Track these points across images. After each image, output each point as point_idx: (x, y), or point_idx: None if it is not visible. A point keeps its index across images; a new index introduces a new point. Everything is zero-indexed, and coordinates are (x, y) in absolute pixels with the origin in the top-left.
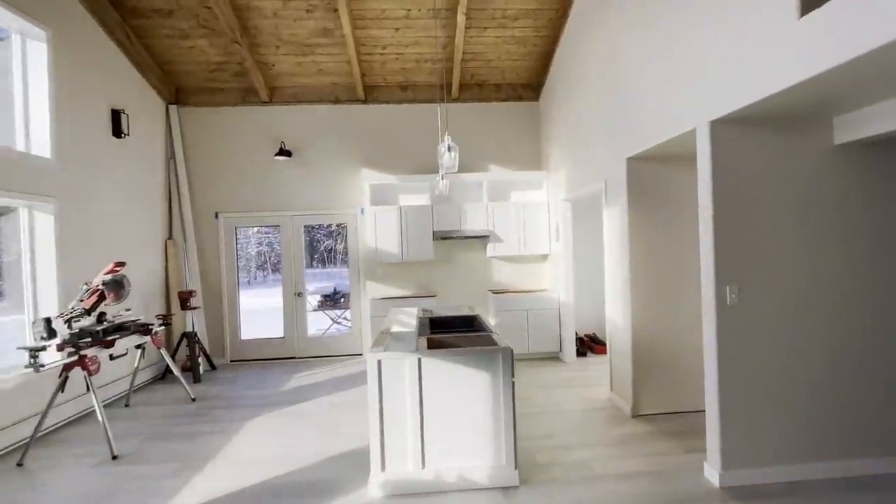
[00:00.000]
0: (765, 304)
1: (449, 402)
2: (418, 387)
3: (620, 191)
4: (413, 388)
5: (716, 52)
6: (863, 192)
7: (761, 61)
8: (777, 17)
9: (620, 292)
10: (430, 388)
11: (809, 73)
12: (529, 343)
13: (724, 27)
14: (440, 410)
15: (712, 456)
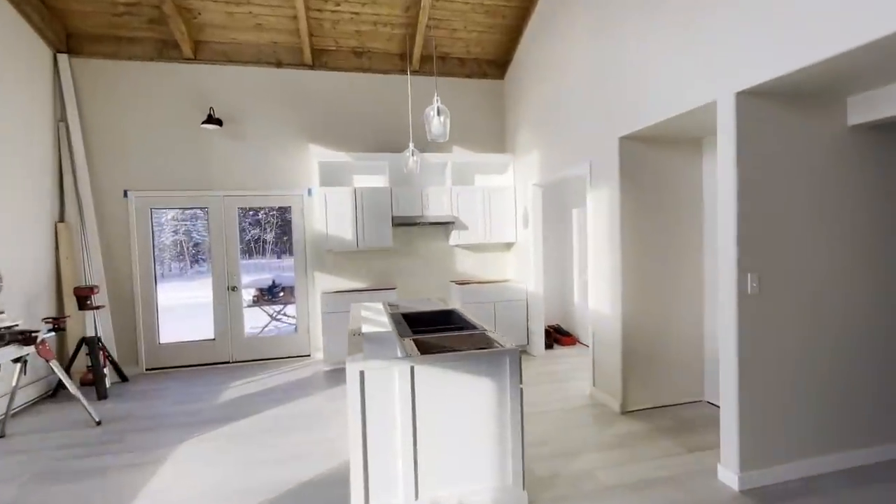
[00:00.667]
0: (784, 293)
1: (446, 416)
2: (411, 400)
3: (610, 173)
4: (404, 402)
5: (746, 13)
6: (875, 176)
7: (805, 24)
8: None
9: (609, 281)
10: (425, 401)
11: (865, 38)
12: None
13: None
14: (436, 427)
15: (728, 458)
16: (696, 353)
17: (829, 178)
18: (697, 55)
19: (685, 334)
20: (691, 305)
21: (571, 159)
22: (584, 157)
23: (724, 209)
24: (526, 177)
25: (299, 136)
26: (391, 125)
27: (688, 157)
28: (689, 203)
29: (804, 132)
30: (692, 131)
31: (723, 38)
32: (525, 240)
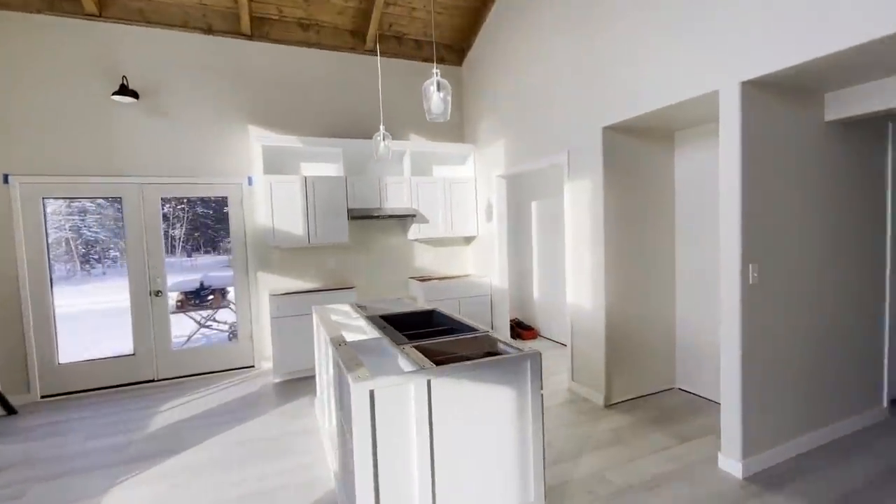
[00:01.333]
0: (778, 282)
1: (465, 432)
2: (428, 418)
3: (592, 163)
4: (421, 421)
5: (749, 6)
6: (848, 169)
7: (819, 14)
8: None
9: (591, 274)
10: (442, 418)
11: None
12: None
13: None
14: (455, 445)
15: (730, 446)
16: (668, 341)
17: (812, 171)
18: (697, 45)
19: (659, 324)
20: (665, 295)
21: (546, 150)
22: (562, 148)
23: (727, 200)
24: (489, 168)
25: (237, 117)
26: (346, 108)
27: (662, 150)
28: (663, 195)
29: (791, 125)
30: (677, 123)
31: (725, 29)
32: (488, 233)
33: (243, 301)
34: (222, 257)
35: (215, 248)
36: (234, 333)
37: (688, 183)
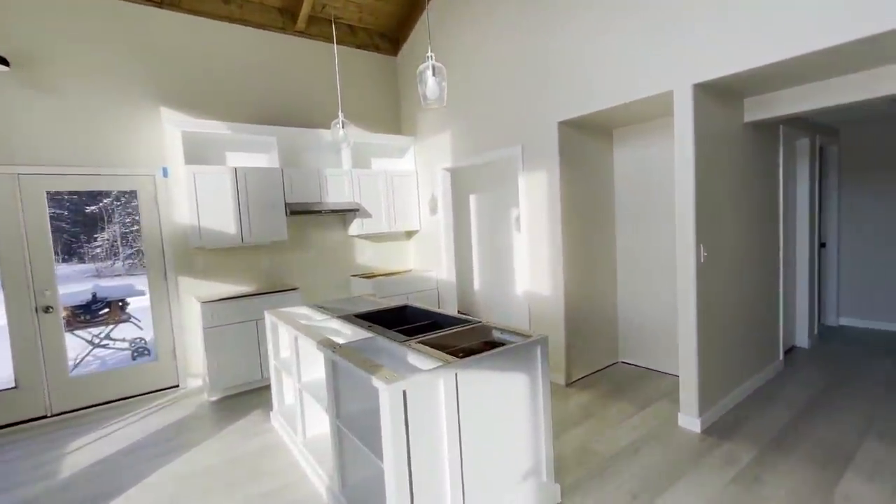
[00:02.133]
0: (717, 259)
1: (487, 420)
2: (456, 412)
3: (547, 156)
4: (450, 415)
5: (708, 9)
6: (761, 163)
7: (763, 27)
8: None
9: (549, 262)
10: (468, 409)
11: (846, 38)
12: None
13: None
14: (479, 437)
15: (688, 405)
16: (612, 320)
17: (734, 165)
18: (653, 49)
19: (605, 305)
20: (608, 279)
21: (499, 143)
22: (516, 141)
23: (683, 190)
24: (432, 161)
25: (145, 97)
26: (278, 93)
27: (603, 146)
28: (605, 187)
29: (722, 125)
30: (616, 121)
31: (679, 35)
32: (432, 227)
33: (161, 312)
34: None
35: (115, 254)
36: (140, 351)
37: (625, 177)
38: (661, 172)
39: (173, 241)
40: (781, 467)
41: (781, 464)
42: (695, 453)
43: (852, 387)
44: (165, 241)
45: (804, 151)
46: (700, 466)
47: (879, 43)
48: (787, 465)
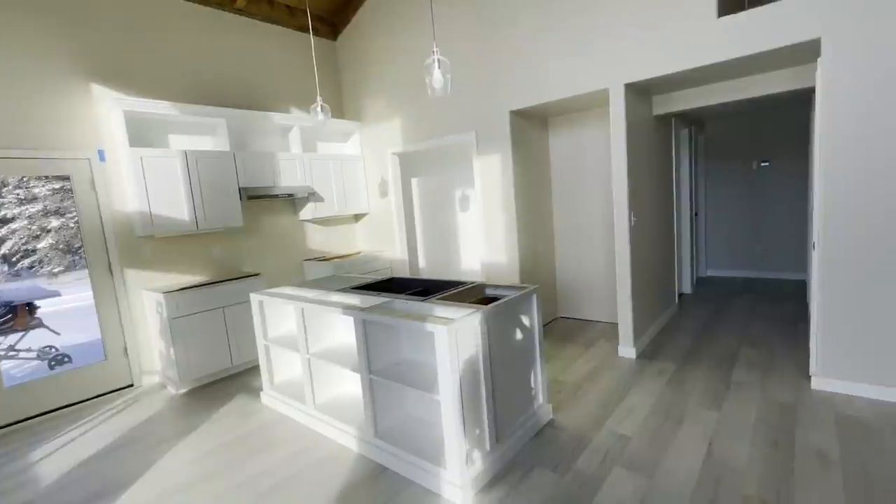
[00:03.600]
0: (640, 223)
1: (505, 356)
2: (488, 348)
3: (500, 141)
4: (484, 351)
5: (634, 20)
6: (661, 149)
7: (679, 42)
8: (699, 15)
9: (504, 234)
10: (493, 346)
11: (723, 57)
12: None
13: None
14: (501, 368)
15: (626, 339)
16: (552, 281)
17: (647, 150)
18: (592, 53)
19: (547, 268)
20: (548, 246)
21: (453, 129)
22: (470, 127)
23: (618, 168)
24: (381, 145)
25: (74, 70)
26: (226, 72)
27: (542, 133)
28: (544, 168)
29: (640, 117)
30: (553, 111)
31: (612, 43)
32: (383, 209)
33: (108, 309)
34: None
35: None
36: (57, 360)
37: (560, 158)
38: (589, 155)
39: (117, 231)
40: (694, 372)
41: (694, 370)
42: (636, 372)
43: (726, 316)
44: (108, 230)
45: (685, 140)
46: (642, 379)
47: (743, 61)
48: (697, 370)
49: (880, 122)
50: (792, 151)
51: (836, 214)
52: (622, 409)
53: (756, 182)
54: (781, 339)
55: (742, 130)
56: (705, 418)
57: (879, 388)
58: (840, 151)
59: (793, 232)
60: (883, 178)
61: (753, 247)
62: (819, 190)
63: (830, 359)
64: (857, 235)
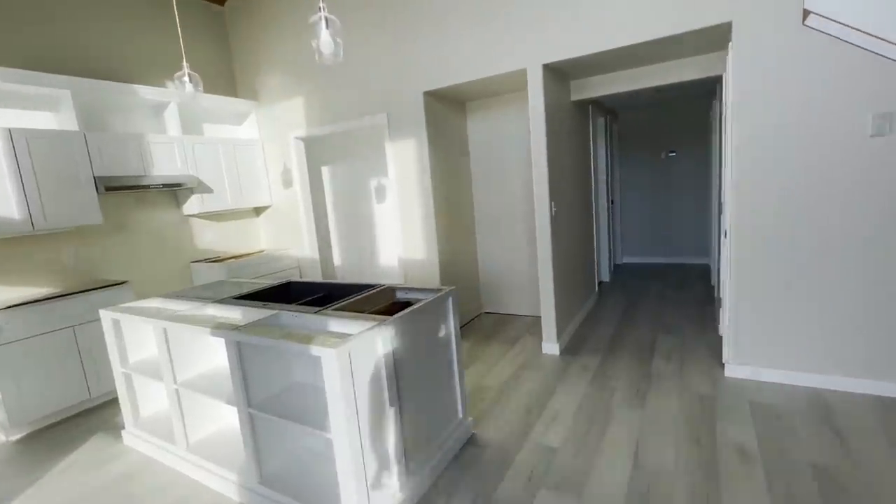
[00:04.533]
0: (561, 212)
1: (416, 374)
2: (394, 368)
3: (414, 124)
4: (389, 372)
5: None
6: (579, 134)
7: (598, 23)
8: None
9: (422, 226)
10: (400, 364)
11: (641, 38)
12: None
13: None
14: (411, 389)
15: (549, 335)
16: (474, 275)
17: (566, 135)
18: (507, 32)
19: (469, 262)
20: (470, 238)
21: (363, 111)
22: (381, 109)
23: (538, 154)
24: (282, 129)
25: None
26: (77, 34)
27: (459, 117)
28: (463, 153)
29: (558, 101)
30: (470, 94)
31: (530, 21)
32: (288, 201)
33: None
34: None
35: None
36: None
37: (479, 145)
38: (509, 142)
39: None
40: (617, 364)
41: (616, 362)
42: (560, 370)
43: (642, 303)
44: None
45: (601, 128)
46: (566, 378)
47: (658, 44)
48: (619, 362)
49: (789, 111)
50: (695, 142)
51: (747, 204)
52: (547, 415)
53: (664, 171)
54: (692, 324)
55: (652, 121)
56: (630, 419)
57: (785, 373)
58: (750, 140)
59: (697, 220)
60: (791, 166)
61: (663, 234)
62: (731, 179)
63: (742, 347)
64: (767, 224)
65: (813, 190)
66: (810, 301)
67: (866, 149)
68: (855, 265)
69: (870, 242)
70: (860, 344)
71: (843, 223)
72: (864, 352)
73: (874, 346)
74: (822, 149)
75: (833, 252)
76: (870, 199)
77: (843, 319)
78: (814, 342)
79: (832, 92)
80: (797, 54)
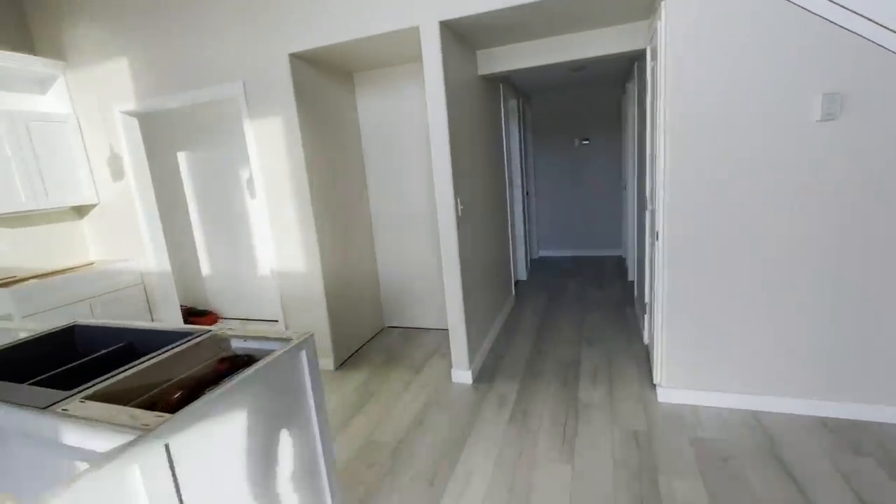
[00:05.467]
0: (469, 210)
1: (234, 488)
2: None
3: (280, 97)
4: None
5: None
6: (490, 116)
7: None
8: None
9: (299, 231)
10: (197, 482)
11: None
12: None
13: None
14: None
15: (459, 361)
16: (374, 286)
17: (474, 117)
18: None
19: (366, 271)
20: (366, 242)
21: (211, 78)
22: (235, 76)
23: (438, 140)
24: (104, 100)
25: None
26: None
27: (345, 92)
28: (352, 140)
29: (462, 73)
30: (357, 63)
31: None
32: (122, 198)
33: None
34: None
35: None
36: None
37: (374, 128)
38: (408, 124)
39: None
40: (539, 392)
41: (538, 390)
42: (473, 407)
43: (561, 307)
44: None
45: (514, 111)
46: (481, 420)
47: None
48: (541, 389)
49: (729, 88)
50: (609, 129)
51: (681, 203)
52: (455, 486)
53: (579, 160)
54: (615, 331)
55: (566, 107)
56: (559, 477)
57: (723, 395)
58: (685, 128)
59: (610, 210)
60: (731, 161)
61: (578, 226)
62: (663, 173)
63: (675, 368)
64: (703, 225)
65: (755, 187)
66: (751, 315)
67: (815, 135)
68: (803, 273)
69: (820, 246)
70: (805, 362)
71: (792, 226)
72: (807, 371)
73: (819, 363)
74: (766, 136)
75: (782, 259)
76: (819, 196)
77: (788, 334)
78: (755, 361)
79: (779, 65)
80: (738, 15)
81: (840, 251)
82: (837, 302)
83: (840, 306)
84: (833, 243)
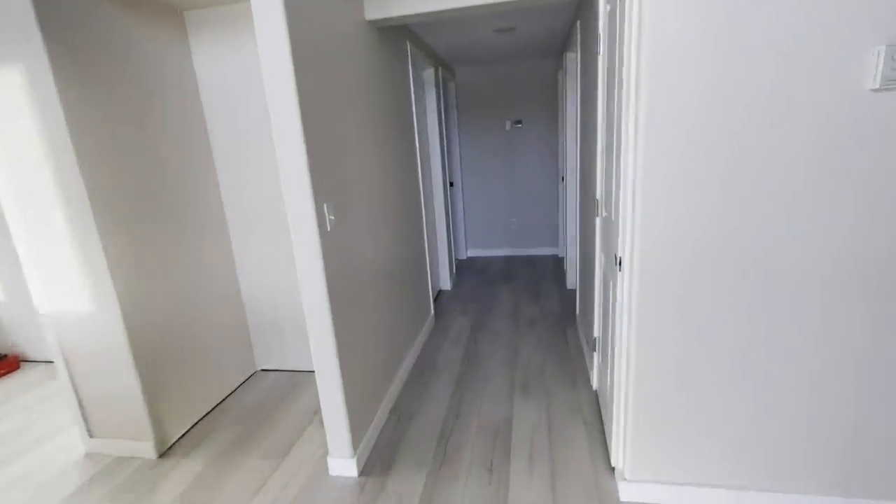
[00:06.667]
0: (351, 220)
1: None
2: None
3: (17, 39)
4: None
5: None
6: (389, 82)
7: None
8: None
9: (77, 252)
10: None
11: None
12: None
13: None
14: None
15: (338, 447)
16: (238, 320)
17: (361, 84)
18: None
19: (221, 296)
20: (222, 263)
21: None
22: None
23: (281, 117)
24: None
25: None
26: None
27: (173, 43)
28: (188, 111)
29: (338, 18)
30: None
31: None
32: None
33: None
34: None
35: None
36: None
37: (219, 94)
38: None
39: None
40: (457, 492)
41: (453, 490)
42: None
43: (490, 330)
44: None
45: (431, 82)
46: None
47: None
48: (459, 486)
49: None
50: (543, 110)
51: (659, 219)
52: None
53: (510, 146)
54: (558, 372)
55: (495, 82)
56: None
57: (700, 491)
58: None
59: (545, 204)
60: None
61: (510, 221)
62: (633, 176)
63: (642, 453)
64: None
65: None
66: (760, 385)
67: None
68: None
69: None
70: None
71: (838, 259)
72: (835, 462)
73: (816, 452)
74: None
75: (827, 307)
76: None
77: (814, 416)
78: (742, 445)
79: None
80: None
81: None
82: (847, 374)
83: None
84: (874, 278)
